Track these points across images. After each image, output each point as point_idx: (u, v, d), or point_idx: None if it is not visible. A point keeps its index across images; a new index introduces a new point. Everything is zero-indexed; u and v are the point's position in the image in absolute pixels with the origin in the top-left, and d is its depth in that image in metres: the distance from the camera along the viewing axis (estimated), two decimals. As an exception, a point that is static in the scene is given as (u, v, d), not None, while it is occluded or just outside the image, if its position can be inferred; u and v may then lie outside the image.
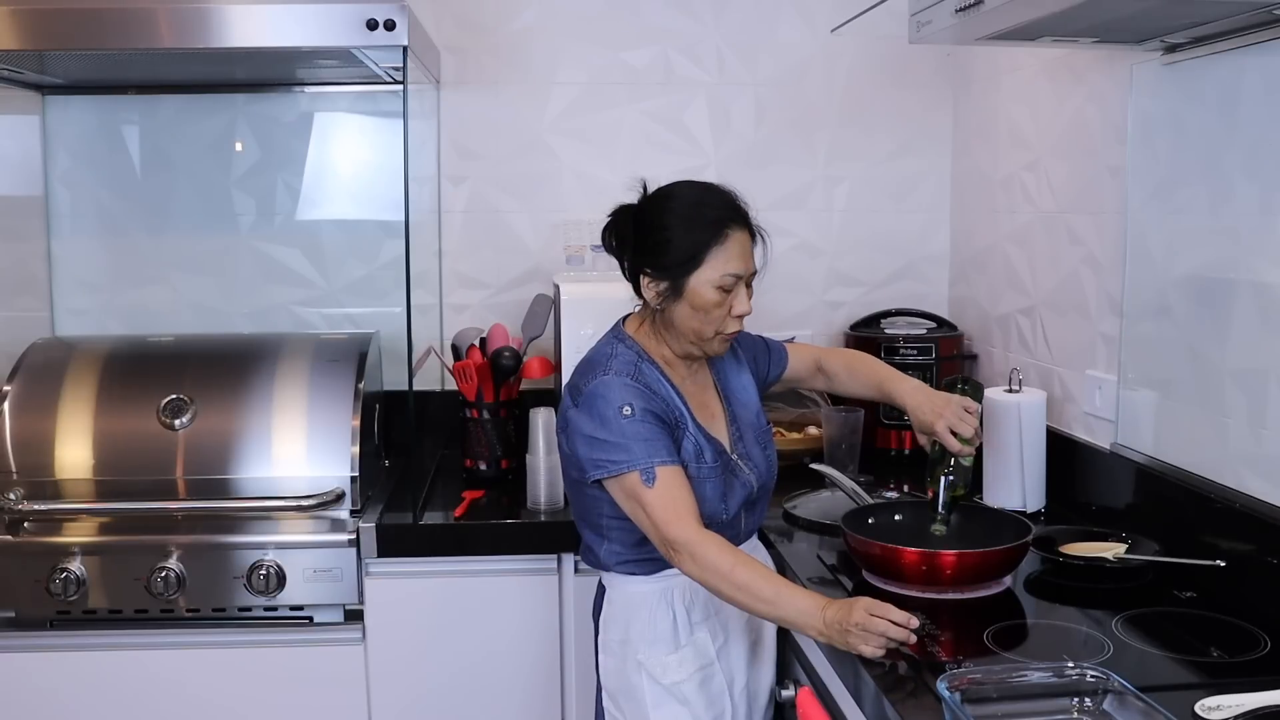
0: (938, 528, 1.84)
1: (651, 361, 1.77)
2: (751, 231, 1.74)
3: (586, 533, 1.82)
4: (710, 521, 1.72)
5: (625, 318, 1.85)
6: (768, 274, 1.71)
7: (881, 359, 2.53)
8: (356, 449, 2.26)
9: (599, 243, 1.84)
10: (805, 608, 1.54)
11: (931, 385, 1.93)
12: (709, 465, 1.74)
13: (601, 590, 1.84)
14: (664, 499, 1.63)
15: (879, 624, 1.46)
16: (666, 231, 1.70)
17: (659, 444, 1.66)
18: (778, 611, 1.58)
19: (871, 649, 1.46)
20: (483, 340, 2.52)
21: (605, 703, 1.82)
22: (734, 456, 1.81)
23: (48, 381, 2.35)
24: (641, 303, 1.80)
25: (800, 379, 2.07)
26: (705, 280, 1.69)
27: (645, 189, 1.77)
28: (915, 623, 1.47)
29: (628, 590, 1.78)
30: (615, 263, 1.80)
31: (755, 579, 1.58)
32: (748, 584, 1.57)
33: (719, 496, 1.75)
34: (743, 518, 1.83)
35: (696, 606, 1.76)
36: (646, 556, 1.73)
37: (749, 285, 1.75)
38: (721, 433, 1.82)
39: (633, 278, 1.77)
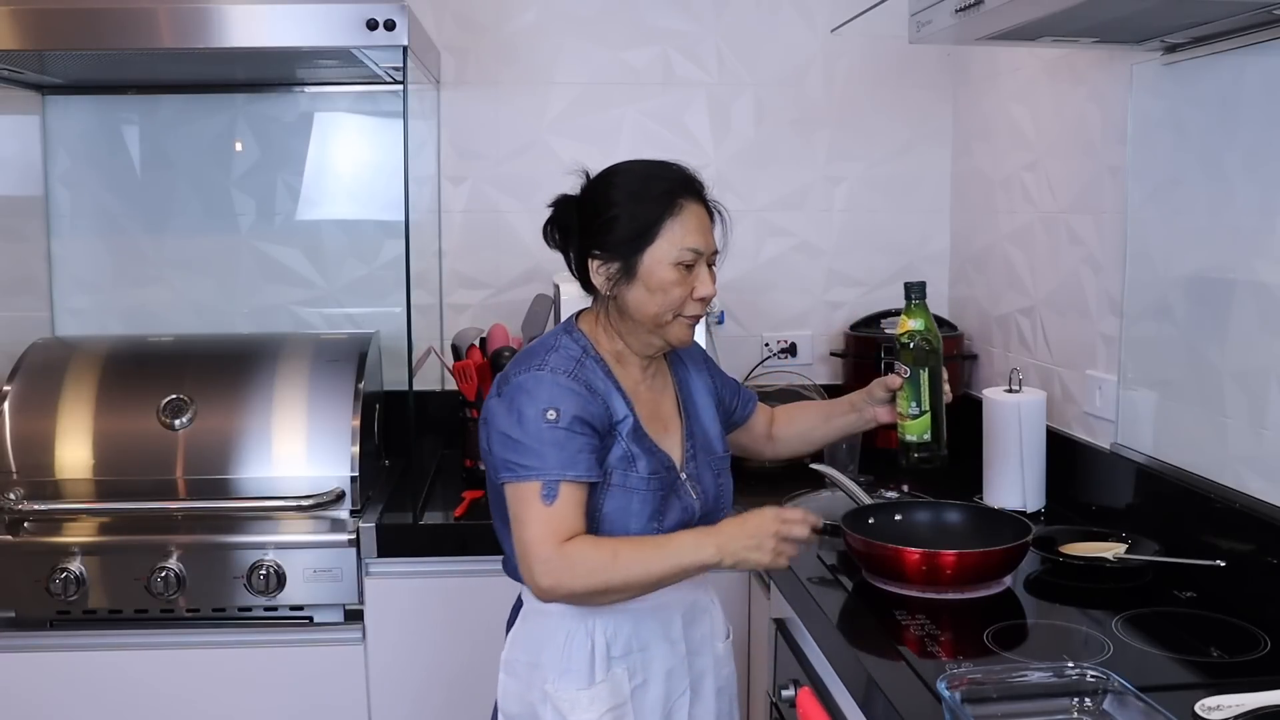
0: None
1: (598, 359, 1.61)
2: (709, 208, 1.61)
3: (507, 537, 1.61)
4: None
5: (580, 312, 1.69)
6: (768, 274, 1.70)
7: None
8: (356, 449, 2.26)
9: None
10: (694, 541, 1.53)
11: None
12: (640, 477, 1.57)
13: (519, 604, 1.68)
14: (555, 519, 1.50)
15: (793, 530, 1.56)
16: (614, 209, 1.57)
17: (580, 456, 1.52)
18: (672, 560, 1.51)
19: (784, 561, 1.56)
20: (483, 340, 2.52)
21: None
22: (682, 475, 1.64)
23: (48, 381, 2.35)
24: (593, 298, 1.66)
25: (755, 437, 1.93)
26: (660, 257, 1.55)
27: (588, 175, 1.64)
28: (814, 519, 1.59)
29: (546, 611, 1.60)
30: None
31: (640, 547, 1.52)
32: (635, 557, 1.51)
33: (649, 514, 1.58)
34: None
35: (619, 640, 1.60)
36: None
37: (711, 266, 1.61)
38: (674, 448, 1.66)
39: (579, 266, 1.62)
